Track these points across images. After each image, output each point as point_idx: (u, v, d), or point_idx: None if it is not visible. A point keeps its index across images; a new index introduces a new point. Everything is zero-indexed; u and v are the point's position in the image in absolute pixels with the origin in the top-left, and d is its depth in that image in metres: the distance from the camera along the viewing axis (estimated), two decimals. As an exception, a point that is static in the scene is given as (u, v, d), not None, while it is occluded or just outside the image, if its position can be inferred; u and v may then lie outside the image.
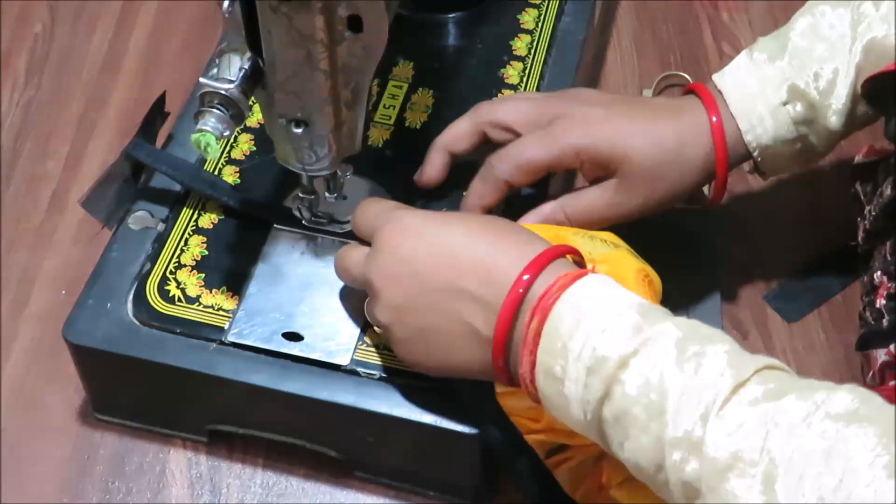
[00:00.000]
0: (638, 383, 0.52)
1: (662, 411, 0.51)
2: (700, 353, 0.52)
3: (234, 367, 0.69)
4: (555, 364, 0.55)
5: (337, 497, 0.73)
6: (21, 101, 0.95)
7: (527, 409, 0.63)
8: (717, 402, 0.50)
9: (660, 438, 0.51)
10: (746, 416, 0.49)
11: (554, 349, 0.55)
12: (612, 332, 0.53)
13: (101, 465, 0.74)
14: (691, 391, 0.50)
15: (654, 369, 0.52)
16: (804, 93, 0.71)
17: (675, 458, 0.50)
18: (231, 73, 0.63)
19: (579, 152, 0.70)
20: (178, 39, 0.99)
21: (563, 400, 0.55)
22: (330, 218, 0.74)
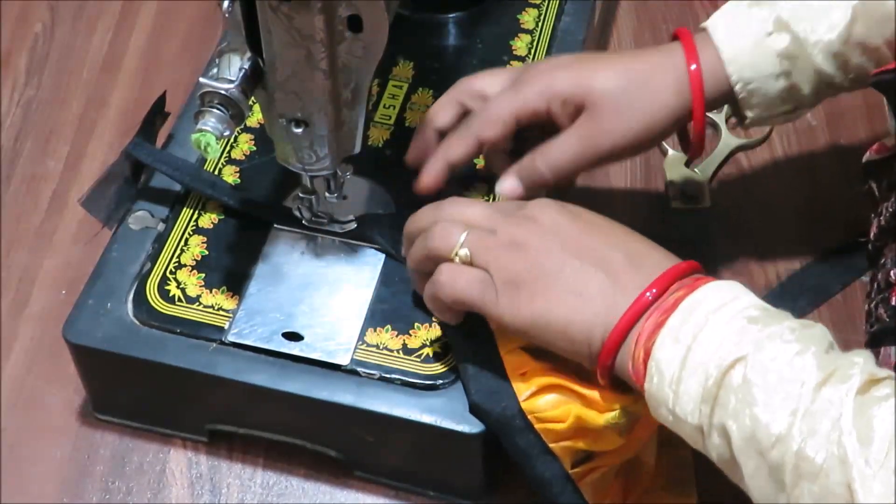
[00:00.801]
0: (779, 356, 0.54)
1: (802, 386, 0.53)
2: (841, 355, 0.56)
3: (234, 366, 0.69)
4: (687, 333, 0.56)
5: (337, 497, 0.73)
6: (21, 100, 0.95)
7: (552, 407, 0.63)
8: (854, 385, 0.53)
9: (792, 412, 0.52)
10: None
11: (693, 317, 0.57)
12: (763, 312, 0.57)
13: (101, 465, 0.74)
14: (835, 370, 0.53)
15: (799, 350, 0.54)
16: (788, 24, 0.69)
17: (799, 436, 0.52)
18: (231, 73, 0.63)
19: (544, 94, 0.70)
20: (178, 39, 0.99)
21: (676, 368, 0.56)
22: (330, 218, 0.74)
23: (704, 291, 0.58)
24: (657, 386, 0.57)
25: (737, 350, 0.55)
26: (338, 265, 0.73)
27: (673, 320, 0.57)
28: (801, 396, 0.53)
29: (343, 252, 0.74)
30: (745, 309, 0.57)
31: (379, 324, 0.70)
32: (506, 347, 0.65)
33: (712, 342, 0.56)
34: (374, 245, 0.74)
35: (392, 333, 0.70)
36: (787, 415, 0.53)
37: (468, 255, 0.63)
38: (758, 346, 0.55)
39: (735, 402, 0.54)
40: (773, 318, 0.57)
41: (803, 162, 0.91)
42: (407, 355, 0.69)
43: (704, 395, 0.55)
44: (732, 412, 0.54)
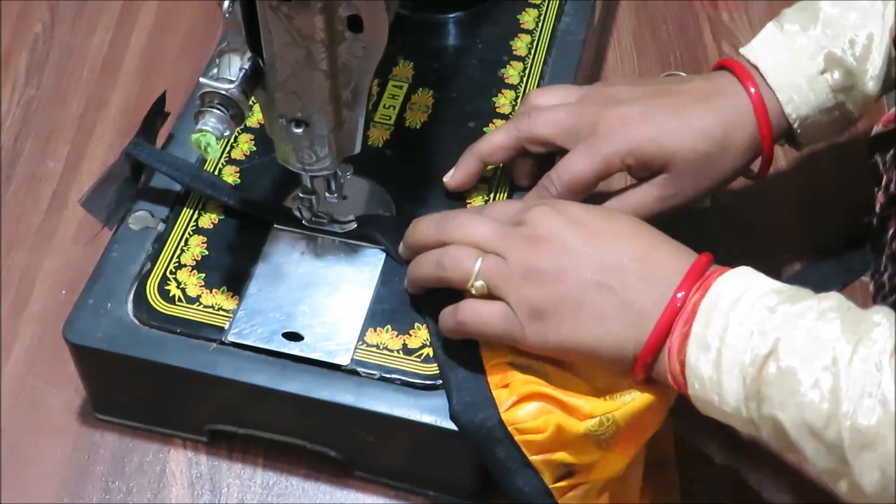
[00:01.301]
0: (805, 339, 0.56)
1: (835, 361, 0.54)
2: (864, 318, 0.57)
3: (234, 366, 0.69)
4: (713, 335, 0.58)
5: (337, 497, 0.73)
6: (21, 101, 0.95)
7: (532, 417, 0.63)
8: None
9: (833, 390, 0.54)
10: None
11: (714, 320, 0.58)
12: (779, 296, 0.58)
13: (101, 465, 0.74)
14: (861, 337, 0.55)
15: (823, 325, 0.56)
16: (841, 60, 0.71)
17: (847, 409, 0.54)
18: (231, 73, 0.63)
19: (624, 158, 0.71)
20: (178, 39, 0.99)
21: (713, 372, 0.58)
22: (330, 218, 0.74)
23: (717, 289, 0.59)
24: (700, 391, 0.59)
25: (765, 343, 0.57)
26: (338, 265, 0.73)
27: (696, 327, 0.59)
28: (839, 373, 0.54)
29: (343, 252, 0.74)
30: (760, 298, 0.58)
31: (379, 324, 0.70)
32: (490, 360, 0.66)
33: (739, 340, 0.57)
34: (375, 244, 0.74)
35: (392, 333, 0.70)
36: (830, 393, 0.54)
37: (484, 287, 0.64)
38: (783, 333, 0.56)
39: (778, 394, 0.56)
40: (789, 301, 0.58)
41: (803, 162, 0.91)
42: (407, 355, 0.69)
43: (747, 394, 0.57)
44: (779, 404, 0.56)
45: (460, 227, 0.67)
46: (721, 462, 0.75)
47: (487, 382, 0.65)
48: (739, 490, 0.73)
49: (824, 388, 0.55)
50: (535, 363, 0.65)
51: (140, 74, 0.97)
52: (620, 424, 0.62)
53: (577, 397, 0.63)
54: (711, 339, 0.58)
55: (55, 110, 0.94)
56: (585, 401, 0.63)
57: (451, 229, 0.67)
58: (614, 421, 0.62)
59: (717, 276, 0.60)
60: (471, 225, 0.66)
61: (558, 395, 0.63)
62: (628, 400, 0.62)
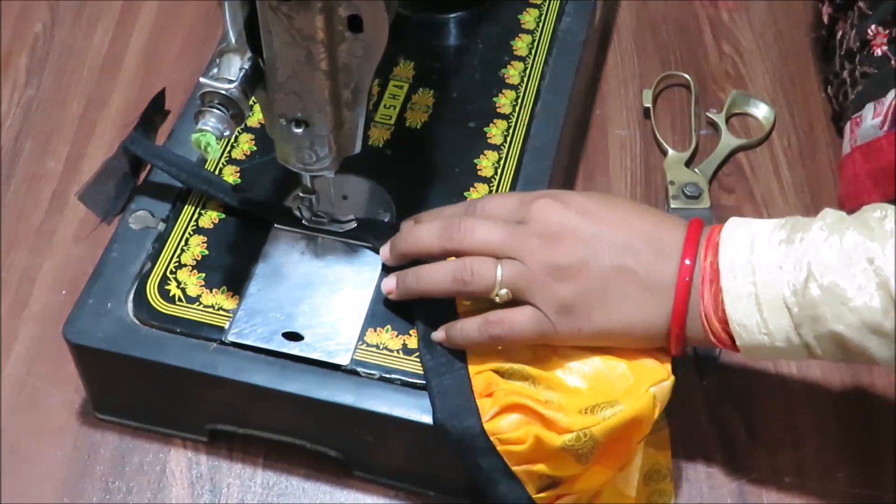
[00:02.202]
0: (834, 253, 0.59)
1: (871, 260, 0.58)
2: (866, 218, 0.61)
3: (234, 366, 0.69)
4: (744, 283, 0.61)
5: (337, 497, 0.73)
6: (21, 100, 0.95)
7: (513, 427, 0.63)
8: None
9: (880, 284, 0.58)
10: None
11: (739, 270, 0.61)
12: (784, 229, 0.62)
13: (101, 465, 0.74)
14: (885, 239, 0.59)
15: (841, 237, 0.60)
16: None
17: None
18: (231, 73, 0.63)
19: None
20: (178, 39, 0.99)
21: (757, 316, 0.61)
22: (330, 218, 0.74)
23: (727, 244, 0.62)
24: (748, 338, 0.62)
25: (798, 272, 0.60)
26: (338, 265, 0.73)
27: (725, 283, 0.61)
28: (879, 268, 0.58)
29: (343, 252, 0.74)
30: (770, 236, 0.62)
31: (379, 324, 0.70)
32: (476, 368, 0.66)
33: (772, 277, 0.60)
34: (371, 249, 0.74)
35: (392, 333, 0.70)
36: (878, 289, 0.58)
37: (508, 294, 0.65)
38: (811, 257, 0.60)
39: (829, 310, 0.59)
40: (797, 228, 0.62)
41: (803, 162, 0.91)
42: (407, 355, 0.69)
43: (797, 322, 0.60)
44: (833, 318, 0.59)
45: (468, 234, 0.66)
46: (720, 462, 0.75)
47: (472, 391, 0.65)
48: (740, 490, 0.73)
49: (871, 286, 0.58)
50: (520, 368, 0.65)
51: (140, 74, 0.97)
52: (599, 440, 0.62)
53: (555, 411, 0.63)
54: (743, 286, 0.61)
55: (55, 110, 0.94)
56: (564, 414, 0.63)
57: (459, 238, 0.66)
58: (592, 436, 0.62)
59: (718, 234, 0.63)
60: (479, 230, 0.66)
61: (538, 407, 0.63)
62: (609, 415, 0.62)
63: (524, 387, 0.65)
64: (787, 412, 0.77)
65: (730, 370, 0.78)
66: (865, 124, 0.82)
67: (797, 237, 0.61)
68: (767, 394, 0.78)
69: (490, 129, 0.80)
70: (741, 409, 0.77)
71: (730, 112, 0.94)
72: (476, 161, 0.78)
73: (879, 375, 0.78)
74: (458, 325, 0.67)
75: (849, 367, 0.79)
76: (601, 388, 0.65)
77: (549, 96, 0.83)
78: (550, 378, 0.65)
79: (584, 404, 0.64)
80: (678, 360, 0.77)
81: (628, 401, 0.63)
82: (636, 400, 0.63)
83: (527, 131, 0.80)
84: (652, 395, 0.63)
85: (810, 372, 0.78)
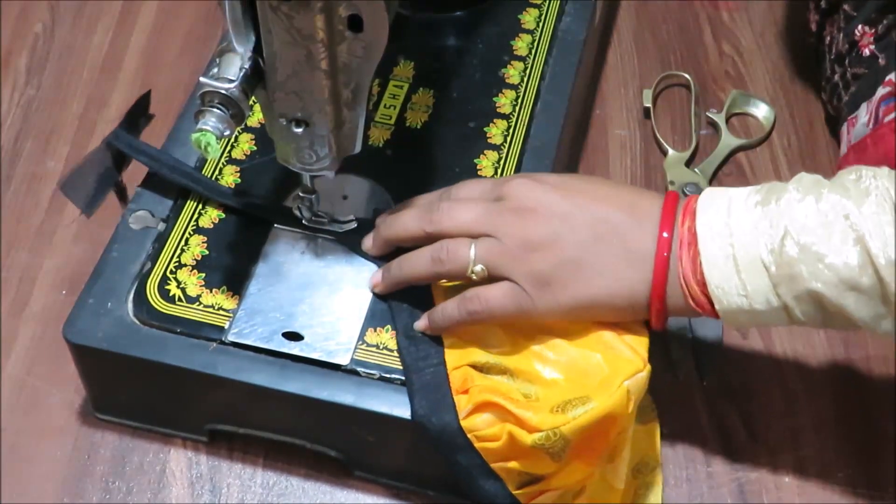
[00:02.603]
0: (810, 212, 0.59)
1: (847, 216, 0.58)
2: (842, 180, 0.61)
3: (234, 366, 0.69)
4: (722, 245, 0.61)
5: (337, 497, 0.73)
6: (21, 100, 0.95)
7: (488, 425, 0.63)
8: None
9: (857, 239, 0.58)
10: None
11: (716, 233, 0.61)
12: (760, 193, 0.62)
13: (101, 465, 0.74)
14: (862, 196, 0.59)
15: (817, 198, 0.60)
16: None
17: (877, 249, 0.57)
18: (231, 72, 0.63)
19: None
20: (178, 39, 0.99)
21: (735, 278, 0.61)
22: (330, 218, 0.74)
23: (704, 208, 0.63)
24: (727, 301, 0.61)
25: (775, 231, 0.60)
26: (338, 265, 0.73)
27: (703, 247, 0.62)
28: (856, 223, 0.58)
29: (343, 252, 0.74)
30: (746, 199, 0.62)
31: (379, 324, 0.70)
32: (454, 363, 0.66)
33: (749, 239, 0.61)
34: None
35: (392, 333, 0.70)
36: (855, 244, 0.58)
37: (484, 270, 0.65)
38: (787, 217, 0.60)
39: (807, 267, 0.59)
40: (773, 191, 0.62)
41: (803, 162, 0.91)
42: (407, 355, 0.69)
43: (775, 282, 0.60)
44: (810, 275, 0.59)
45: (446, 215, 0.67)
46: (720, 462, 0.75)
47: (450, 388, 0.65)
48: (740, 490, 0.73)
49: (847, 242, 0.58)
50: (497, 362, 0.66)
51: (140, 74, 0.97)
52: (570, 438, 0.62)
53: (526, 409, 0.63)
54: (721, 248, 0.61)
55: (55, 110, 0.94)
56: (534, 413, 0.63)
57: (438, 219, 0.67)
58: (562, 435, 0.62)
59: (695, 202, 0.63)
60: (455, 211, 0.67)
61: (509, 406, 0.63)
62: (580, 413, 0.62)
63: (501, 382, 0.65)
64: (787, 412, 0.77)
65: (730, 370, 0.78)
66: (859, 124, 0.82)
67: (773, 199, 0.61)
68: (767, 393, 0.78)
69: (490, 129, 0.80)
70: (741, 409, 0.77)
71: (730, 112, 0.94)
72: (476, 161, 0.78)
73: (880, 375, 0.78)
74: (439, 308, 0.68)
75: (849, 366, 0.79)
76: (577, 379, 0.65)
77: (549, 96, 0.83)
78: (528, 371, 0.66)
79: (561, 397, 0.64)
80: (680, 361, 0.78)
81: (601, 397, 0.63)
82: (609, 396, 0.63)
83: (527, 131, 0.80)
84: (625, 390, 0.63)
85: (810, 371, 0.78)
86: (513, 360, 0.66)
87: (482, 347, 0.67)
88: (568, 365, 0.66)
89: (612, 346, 0.65)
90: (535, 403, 0.64)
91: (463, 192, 0.69)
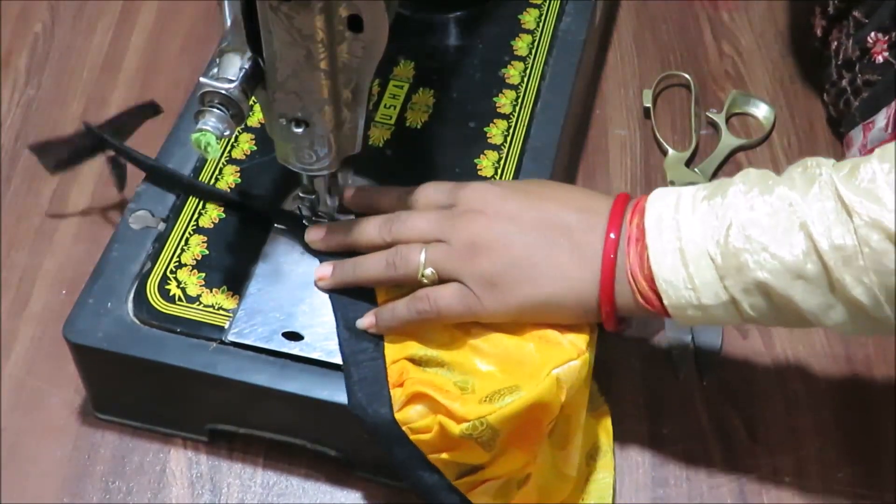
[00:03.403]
0: (755, 203, 0.60)
1: (791, 203, 0.59)
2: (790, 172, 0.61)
3: (234, 366, 0.69)
4: (669, 239, 0.61)
5: (337, 497, 0.73)
6: (21, 100, 0.95)
7: (421, 417, 0.64)
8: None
9: (801, 225, 0.58)
10: None
11: (664, 227, 0.62)
12: (708, 189, 0.62)
13: (101, 465, 0.74)
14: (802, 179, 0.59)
15: (764, 190, 0.60)
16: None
17: (820, 234, 0.58)
18: (231, 72, 0.63)
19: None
20: (178, 39, 0.99)
21: (682, 271, 0.61)
22: (330, 218, 0.74)
23: (653, 205, 0.63)
24: (675, 296, 0.61)
25: (720, 223, 0.60)
26: (338, 265, 0.73)
27: (650, 240, 0.62)
28: (797, 211, 0.59)
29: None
30: (695, 195, 0.63)
31: (379, 324, 0.70)
32: (392, 357, 0.66)
33: (696, 232, 0.61)
34: None
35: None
36: (798, 230, 0.58)
37: (434, 273, 0.66)
38: (732, 210, 0.60)
39: (752, 256, 0.59)
40: (721, 186, 0.62)
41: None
42: (407, 355, 0.69)
43: (721, 273, 0.60)
44: (755, 264, 0.59)
45: (402, 223, 0.68)
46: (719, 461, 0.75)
47: (387, 381, 0.66)
48: (740, 490, 0.73)
49: (792, 230, 0.58)
50: (435, 354, 0.66)
51: (140, 74, 0.97)
52: (497, 427, 0.62)
53: (454, 400, 0.63)
54: (668, 242, 0.61)
55: (55, 110, 0.94)
56: (461, 404, 0.63)
57: (395, 228, 0.69)
58: (489, 425, 0.62)
59: (645, 200, 0.64)
60: (412, 219, 0.68)
61: (438, 397, 0.63)
62: (507, 402, 0.62)
63: (436, 374, 0.65)
64: (787, 412, 0.77)
65: (730, 370, 0.78)
66: (876, 128, 0.82)
67: (720, 193, 0.62)
68: (767, 394, 0.78)
69: (490, 129, 0.80)
70: (741, 409, 0.77)
71: (730, 112, 0.94)
72: (476, 161, 0.78)
73: (880, 375, 0.78)
74: (389, 307, 0.68)
75: (849, 366, 0.79)
76: (511, 369, 0.65)
77: (549, 96, 0.83)
78: (465, 363, 0.66)
79: (493, 387, 0.64)
80: (680, 362, 0.77)
81: (529, 385, 0.63)
82: (537, 384, 0.63)
83: (527, 131, 0.80)
84: (554, 378, 0.63)
85: (810, 372, 0.78)
86: (450, 353, 0.66)
87: (420, 341, 0.67)
88: (503, 356, 0.66)
89: (548, 338, 0.65)
90: (469, 395, 0.64)
91: (421, 198, 0.70)
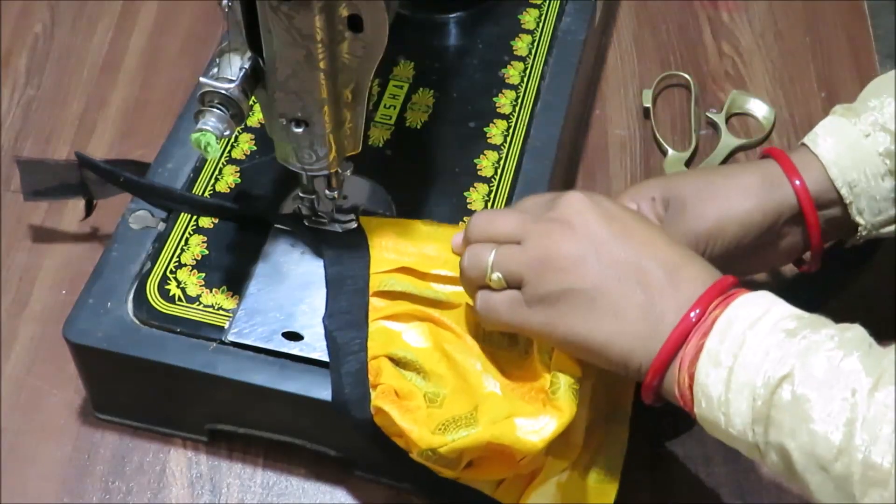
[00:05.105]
0: (825, 367, 0.53)
1: (854, 392, 0.52)
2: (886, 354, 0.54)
3: (234, 366, 0.69)
4: (728, 351, 0.55)
5: (337, 497, 0.73)
6: (21, 100, 0.95)
7: (391, 423, 0.63)
8: None
9: (848, 422, 0.52)
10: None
11: (730, 337, 0.56)
12: (799, 321, 0.56)
13: (101, 465, 0.74)
14: (883, 371, 0.52)
15: (844, 355, 0.54)
16: (885, 125, 0.69)
17: (861, 442, 0.51)
18: (231, 72, 0.63)
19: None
20: (178, 39, 0.99)
21: (721, 389, 0.55)
22: (330, 218, 0.74)
23: (736, 308, 0.57)
24: (706, 410, 0.57)
25: (781, 366, 0.54)
26: (338, 265, 0.73)
27: (710, 342, 0.56)
28: (856, 405, 0.52)
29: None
30: (780, 321, 0.56)
31: (379, 324, 0.70)
32: (373, 353, 0.66)
33: (753, 361, 0.55)
34: None
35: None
36: (845, 425, 0.52)
37: (501, 279, 0.62)
38: (801, 359, 0.54)
39: (790, 421, 0.53)
40: (810, 327, 0.56)
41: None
42: (407, 355, 0.69)
43: (755, 416, 0.55)
44: (789, 431, 0.53)
45: (485, 222, 0.64)
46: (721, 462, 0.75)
47: (367, 379, 0.66)
48: (740, 490, 0.73)
49: (839, 419, 0.52)
50: (413, 359, 0.66)
51: (140, 74, 0.97)
52: (450, 457, 0.62)
53: (412, 423, 0.62)
54: (725, 355, 0.56)
55: (55, 110, 0.94)
56: (418, 428, 0.62)
57: (474, 228, 0.65)
58: (441, 456, 0.62)
59: (740, 296, 0.58)
60: (496, 219, 0.64)
61: (397, 416, 0.63)
62: (460, 437, 0.61)
63: (408, 381, 0.65)
64: (787, 412, 0.77)
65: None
66: None
67: (801, 333, 0.55)
68: (767, 394, 0.77)
69: (490, 129, 0.80)
70: (741, 409, 0.77)
71: (730, 112, 0.94)
72: (476, 161, 0.78)
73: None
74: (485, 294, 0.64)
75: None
76: (485, 396, 0.65)
77: (549, 96, 0.83)
78: (440, 374, 0.65)
79: (461, 411, 0.63)
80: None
81: (486, 423, 0.62)
82: (494, 425, 0.61)
83: (527, 131, 0.80)
84: (513, 424, 0.61)
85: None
86: (430, 361, 0.66)
87: (403, 341, 0.67)
88: (477, 374, 0.66)
89: (540, 387, 0.64)
90: (435, 410, 0.63)
91: (521, 205, 0.66)
